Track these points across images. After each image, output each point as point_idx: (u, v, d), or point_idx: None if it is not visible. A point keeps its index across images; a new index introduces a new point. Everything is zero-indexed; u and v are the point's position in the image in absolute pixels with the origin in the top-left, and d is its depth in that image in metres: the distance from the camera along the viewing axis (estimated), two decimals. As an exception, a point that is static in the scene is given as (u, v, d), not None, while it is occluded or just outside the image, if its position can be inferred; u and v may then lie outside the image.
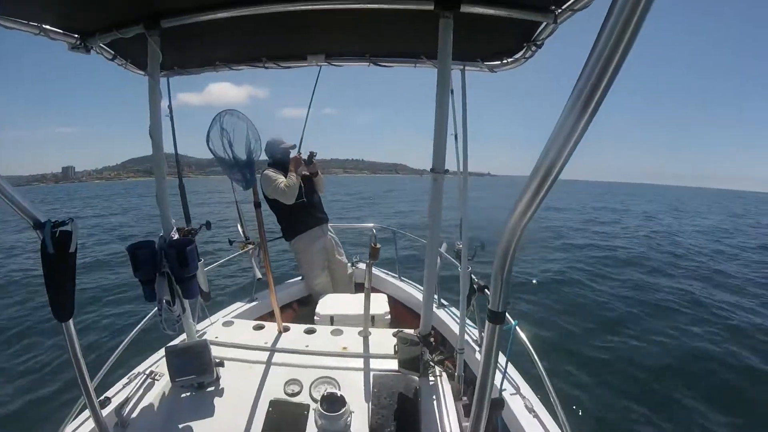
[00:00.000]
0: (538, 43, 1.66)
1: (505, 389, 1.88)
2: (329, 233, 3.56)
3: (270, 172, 3.18)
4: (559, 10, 1.38)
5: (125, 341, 2.07)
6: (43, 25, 1.49)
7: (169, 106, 2.13)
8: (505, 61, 1.93)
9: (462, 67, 1.95)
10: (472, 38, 1.74)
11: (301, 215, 3.29)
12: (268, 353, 2.16)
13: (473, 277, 2.09)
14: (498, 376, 1.68)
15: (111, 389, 1.88)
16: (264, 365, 2.06)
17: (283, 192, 3.08)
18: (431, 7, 1.40)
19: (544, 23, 1.50)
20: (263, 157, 3.21)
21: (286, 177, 3.13)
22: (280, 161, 3.28)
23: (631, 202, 39.22)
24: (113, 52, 1.84)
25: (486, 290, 2.06)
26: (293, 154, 3.31)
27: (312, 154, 3.33)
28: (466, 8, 1.41)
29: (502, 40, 1.79)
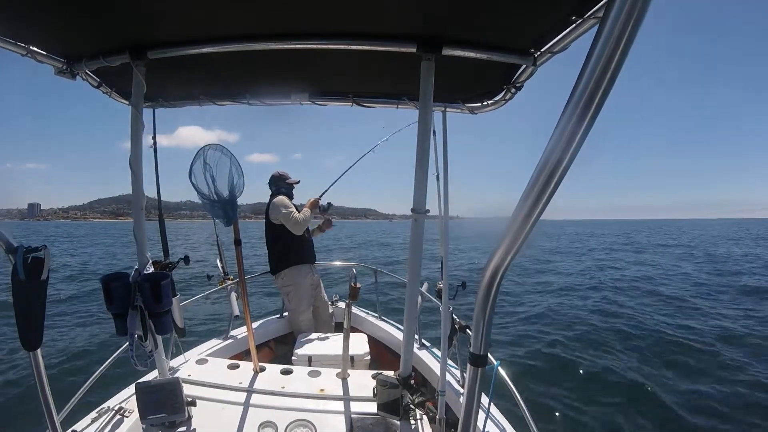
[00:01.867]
0: (518, 85, 1.72)
1: (488, 431, 1.84)
2: (316, 273, 3.63)
3: (285, 199, 3.28)
4: (538, 53, 1.44)
5: (95, 374, 2.02)
6: (31, 47, 1.48)
7: (153, 138, 2.13)
8: (485, 103, 1.99)
9: (443, 108, 2.00)
10: (454, 80, 1.78)
11: (299, 248, 3.36)
12: (242, 394, 2.09)
13: (454, 316, 2.07)
14: (481, 416, 1.63)
15: (78, 423, 1.83)
16: (238, 406, 2.00)
17: (296, 222, 3.18)
18: (414, 50, 1.45)
19: (524, 66, 1.55)
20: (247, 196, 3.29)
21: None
22: (285, 196, 3.38)
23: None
24: (98, 80, 1.83)
25: (468, 330, 2.04)
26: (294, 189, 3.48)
27: (330, 204, 3.53)
28: (447, 51, 1.45)
29: (482, 82, 1.85)
